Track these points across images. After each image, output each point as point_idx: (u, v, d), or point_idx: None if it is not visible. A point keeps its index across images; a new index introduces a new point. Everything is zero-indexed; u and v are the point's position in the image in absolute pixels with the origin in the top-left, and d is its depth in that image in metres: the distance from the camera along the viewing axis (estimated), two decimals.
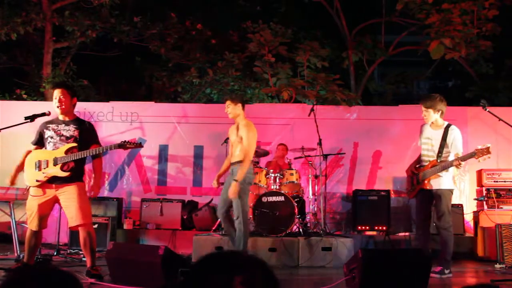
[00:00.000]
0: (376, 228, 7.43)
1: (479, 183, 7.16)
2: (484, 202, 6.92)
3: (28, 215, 4.69)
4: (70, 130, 4.72)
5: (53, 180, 4.64)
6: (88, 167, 5.11)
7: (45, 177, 4.61)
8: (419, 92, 20.17)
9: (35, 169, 4.65)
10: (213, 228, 6.94)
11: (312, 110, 7.02)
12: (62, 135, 4.70)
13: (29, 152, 4.83)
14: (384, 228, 7.34)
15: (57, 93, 4.76)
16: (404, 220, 7.80)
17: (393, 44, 11.92)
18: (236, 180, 5.18)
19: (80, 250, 6.42)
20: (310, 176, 7.15)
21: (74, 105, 4.87)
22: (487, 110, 5.30)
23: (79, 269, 5.19)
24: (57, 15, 10.46)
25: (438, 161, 5.17)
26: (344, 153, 7.99)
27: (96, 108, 8.50)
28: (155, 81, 12.39)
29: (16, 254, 5.67)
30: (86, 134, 4.76)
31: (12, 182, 4.79)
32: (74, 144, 4.65)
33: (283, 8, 13.05)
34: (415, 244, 5.53)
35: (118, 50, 11.94)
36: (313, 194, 7.05)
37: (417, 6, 9.98)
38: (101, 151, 4.70)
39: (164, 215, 7.49)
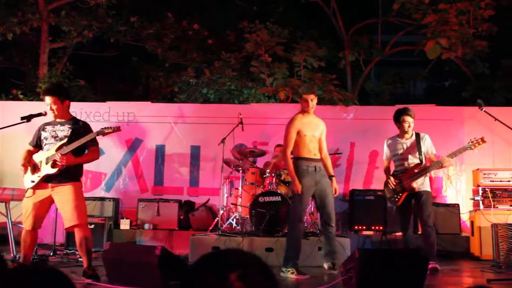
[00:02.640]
0: (373, 228, 7.44)
1: (475, 182, 7.17)
2: (480, 202, 6.93)
3: (24, 214, 4.70)
4: (64, 131, 4.74)
5: (49, 180, 4.66)
6: (85, 167, 5.10)
7: (38, 177, 4.65)
8: (415, 92, 20.24)
9: (31, 171, 4.70)
10: (210, 228, 6.93)
11: None
12: (57, 136, 4.73)
13: (28, 151, 4.83)
14: (381, 228, 7.35)
15: (47, 100, 4.76)
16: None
17: (389, 44, 11.94)
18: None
19: (77, 250, 6.43)
20: None
21: (68, 107, 4.86)
22: (484, 110, 5.33)
23: (75, 270, 5.18)
24: (54, 15, 10.44)
25: (422, 164, 5.46)
26: (341, 153, 8.00)
27: (93, 108, 8.48)
28: (152, 81, 12.38)
29: (12, 255, 5.65)
30: (79, 132, 4.73)
31: (25, 166, 4.73)
32: (64, 141, 4.66)
33: (280, 8, 13.06)
34: (412, 244, 5.57)
35: (114, 50, 11.93)
36: None
37: (413, 6, 10.00)
38: (81, 143, 4.62)
39: (161, 215, 7.48)
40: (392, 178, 5.59)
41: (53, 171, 4.60)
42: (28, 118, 4.89)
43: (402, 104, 8.63)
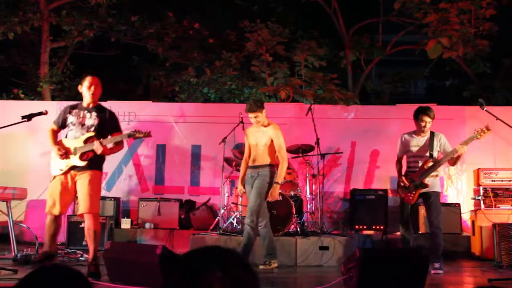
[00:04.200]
0: (374, 227, 7.43)
1: (477, 182, 7.16)
2: (481, 202, 6.93)
3: (50, 201, 4.84)
4: (91, 118, 4.92)
5: (73, 168, 4.85)
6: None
7: (66, 166, 4.83)
8: (416, 92, 20.22)
9: (59, 158, 4.85)
10: (211, 228, 6.94)
11: (309, 109, 7.03)
12: (84, 124, 4.90)
13: (53, 131, 5.02)
14: (382, 227, 7.34)
15: (90, 79, 4.97)
16: None
17: (390, 43, 11.92)
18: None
19: (78, 249, 6.45)
20: (307, 175, 7.15)
21: (100, 94, 5.10)
22: (485, 109, 5.32)
23: (76, 269, 5.18)
24: (54, 15, 10.44)
25: (431, 160, 5.47)
26: (342, 153, 7.99)
27: None
28: (153, 81, 12.38)
29: (13, 254, 5.65)
30: (105, 123, 4.95)
31: (61, 151, 4.85)
32: (92, 134, 4.84)
33: (281, 8, 13.05)
34: (413, 243, 5.60)
35: (115, 50, 11.93)
36: (311, 193, 7.06)
37: (414, 6, 9.99)
38: (117, 140, 4.88)
39: (161, 215, 7.48)
40: (403, 178, 5.59)
41: (82, 164, 4.80)
42: (29, 117, 4.89)
43: (403, 103, 8.69)
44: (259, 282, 1.44)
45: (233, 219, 6.77)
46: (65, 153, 4.83)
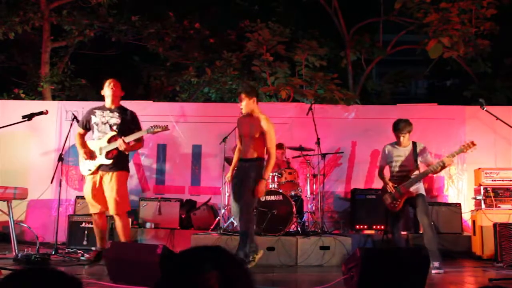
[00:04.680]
0: (374, 227, 7.43)
1: (477, 182, 7.16)
2: (482, 201, 6.93)
3: (87, 201, 5.26)
4: (114, 117, 5.26)
5: (101, 167, 5.21)
6: None
7: (94, 166, 5.18)
8: (417, 91, 20.21)
9: (87, 160, 5.21)
10: (211, 227, 6.95)
11: (310, 109, 7.03)
12: (107, 123, 5.24)
13: (80, 135, 5.35)
14: (382, 227, 7.34)
15: (110, 81, 5.36)
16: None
17: (391, 43, 11.92)
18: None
19: (78, 249, 6.47)
20: (308, 175, 7.15)
21: (120, 97, 5.42)
22: (485, 109, 5.32)
23: (77, 268, 5.20)
24: (55, 14, 10.45)
25: (416, 170, 5.63)
26: (342, 152, 8.00)
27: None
28: (153, 80, 12.38)
29: (14, 254, 5.66)
30: (127, 122, 5.28)
31: (87, 153, 5.20)
32: (115, 133, 5.18)
33: (281, 7, 13.04)
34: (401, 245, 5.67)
35: (116, 49, 11.93)
36: (311, 193, 7.06)
37: (415, 5, 9.98)
38: (138, 136, 5.19)
39: (162, 214, 7.48)
40: (390, 183, 5.69)
41: (109, 162, 5.14)
42: (29, 117, 4.91)
43: (404, 103, 8.69)
44: (253, 281, 1.44)
45: (234, 218, 6.77)
46: (90, 155, 5.14)
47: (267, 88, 10.47)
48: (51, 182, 6.85)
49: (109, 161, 5.13)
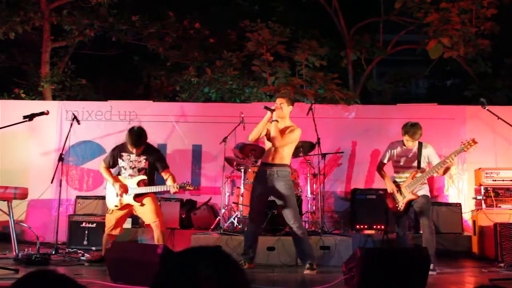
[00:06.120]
0: (375, 227, 7.43)
1: (478, 182, 7.16)
2: (483, 201, 6.93)
3: (109, 225, 5.52)
4: (141, 162, 5.50)
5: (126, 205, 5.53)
6: (87, 166, 5.26)
7: (121, 204, 5.45)
8: (417, 91, 20.20)
9: (115, 196, 5.44)
10: (212, 227, 6.94)
11: (310, 109, 7.03)
12: (135, 167, 5.49)
13: (106, 168, 5.55)
14: (383, 227, 7.34)
15: (132, 145, 5.48)
16: None
17: (391, 43, 11.91)
18: None
19: (79, 249, 6.47)
20: (308, 175, 7.15)
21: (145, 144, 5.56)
22: (486, 108, 5.32)
23: (77, 268, 5.20)
24: (55, 14, 10.45)
25: (419, 171, 5.51)
26: (343, 152, 7.99)
27: (94, 107, 8.49)
28: (153, 80, 12.38)
29: (14, 253, 5.66)
30: (155, 163, 5.54)
31: (124, 188, 5.44)
32: (144, 177, 5.46)
33: (281, 7, 13.04)
34: (406, 245, 5.64)
35: (116, 49, 11.93)
36: (312, 193, 7.05)
37: (415, 5, 9.98)
38: (164, 189, 5.49)
39: (162, 214, 7.46)
40: (393, 185, 5.63)
41: (137, 204, 5.43)
42: (30, 117, 4.91)
43: (404, 103, 8.68)
44: (249, 282, 1.44)
45: (234, 218, 6.77)
46: (125, 191, 5.39)
47: (267, 88, 10.47)
48: (51, 182, 6.85)
49: (137, 203, 5.43)
